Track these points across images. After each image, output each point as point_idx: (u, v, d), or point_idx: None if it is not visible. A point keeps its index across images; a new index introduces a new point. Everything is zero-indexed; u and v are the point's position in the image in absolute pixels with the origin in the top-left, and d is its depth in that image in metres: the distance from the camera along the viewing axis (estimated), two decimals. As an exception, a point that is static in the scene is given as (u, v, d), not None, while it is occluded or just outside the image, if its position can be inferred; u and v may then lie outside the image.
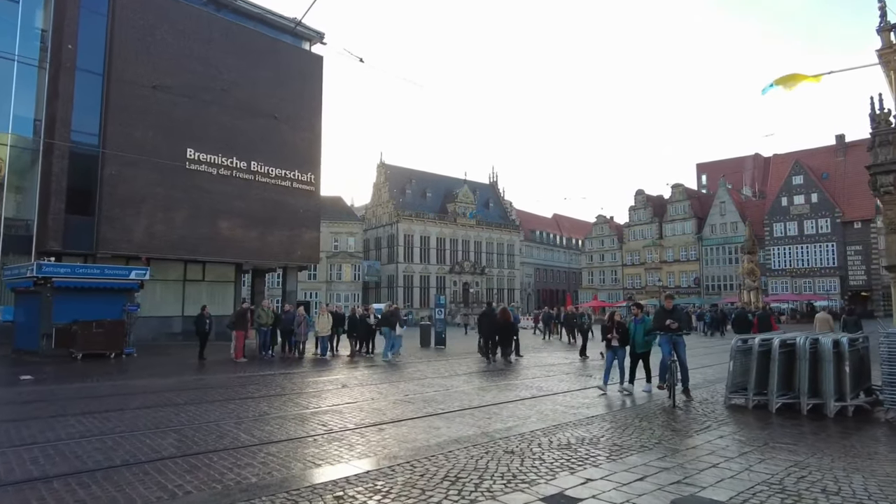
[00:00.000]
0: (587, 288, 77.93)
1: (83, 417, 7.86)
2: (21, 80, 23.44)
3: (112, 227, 22.74)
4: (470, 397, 9.98)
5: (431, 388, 11.20)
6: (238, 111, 26.93)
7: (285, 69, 29.07)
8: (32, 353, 16.29)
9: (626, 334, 10.68)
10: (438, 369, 14.68)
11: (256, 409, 8.77)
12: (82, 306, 16.52)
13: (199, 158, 25.27)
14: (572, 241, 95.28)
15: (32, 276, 15.83)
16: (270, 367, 15.17)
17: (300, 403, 9.41)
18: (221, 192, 25.94)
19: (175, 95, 24.91)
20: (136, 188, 23.44)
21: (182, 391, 10.61)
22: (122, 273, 17.35)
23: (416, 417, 8.13)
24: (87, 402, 9.15)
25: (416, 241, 67.16)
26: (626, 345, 10.72)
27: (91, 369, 13.88)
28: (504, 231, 75.61)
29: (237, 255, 26.65)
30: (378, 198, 70.89)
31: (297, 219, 28.82)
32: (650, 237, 72.80)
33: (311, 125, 30.16)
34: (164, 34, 24.94)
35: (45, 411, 8.36)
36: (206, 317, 16.82)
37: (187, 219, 24.81)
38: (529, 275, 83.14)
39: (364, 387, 11.40)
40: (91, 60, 23.24)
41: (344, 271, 62.93)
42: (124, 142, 23.10)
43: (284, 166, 28.35)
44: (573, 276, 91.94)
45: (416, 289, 66.47)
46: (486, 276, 71.88)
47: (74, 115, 22.55)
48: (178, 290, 25.78)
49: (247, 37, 28.02)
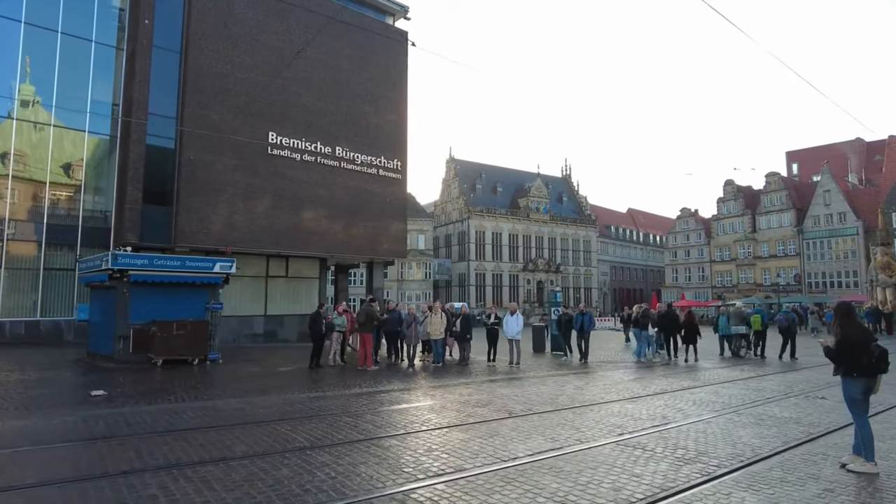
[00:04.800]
0: (671, 286, 72.44)
1: (165, 475, 5.11)
2: (98, 63, 21.91)
3: (189, 217, 20.75)
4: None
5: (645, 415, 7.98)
6: (320, 92, 24.59)
7: (368, 46, 26.51)
8: (107, 358, 14.14)
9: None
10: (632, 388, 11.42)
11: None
12: (161, 304, 14.24)
13: (282, 143, 23.00)
14: (649, 236, 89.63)
15: (107, 269, 13.66)
16: (407, 379, 12.36)
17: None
18: (304, 179, 23.62)
19: (254, 74, 22.77)
20: (215, 175, 21.38)
21: (308, 420, 7.81)
22: (206, 266, 14.98)
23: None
24: (172, 443, 6.45)
25: (488, 237, 64.06)
26: None
27: (173, 381, 11.43)
28: (579, 226, 71.35)
29: (321, 248, 24.24)
30: (447, 194, 68.23)
31: (383, 209, 26.21)
32: (742, 231, 66.70)
33: (397, 107, 27.52)
34: (242, 9, 22.84)
35: (111, 458, 5.68)
36: (322, 316, 14.18)
37: (269, 209, 22.58)
38: (605, 273, 78.36)
39: (542, 415, 8.29)
40: (168, 38, 21.37)
41: (414, 270, 60.65)
42: (202, 124, 21.08)
43: (370, 152, 25.80)
44: (651, 273, 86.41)
45: (488, 287, 63.33)
46: (562, 275, 67.87)
47: (151, 97, 20.69)
48: (258, 287, 23.56)
49: (328, 11, 25.58)
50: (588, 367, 15.07)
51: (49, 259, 20.16)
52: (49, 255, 20.18)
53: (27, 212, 20.31)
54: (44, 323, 19.81)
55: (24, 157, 20.38)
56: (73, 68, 21.15)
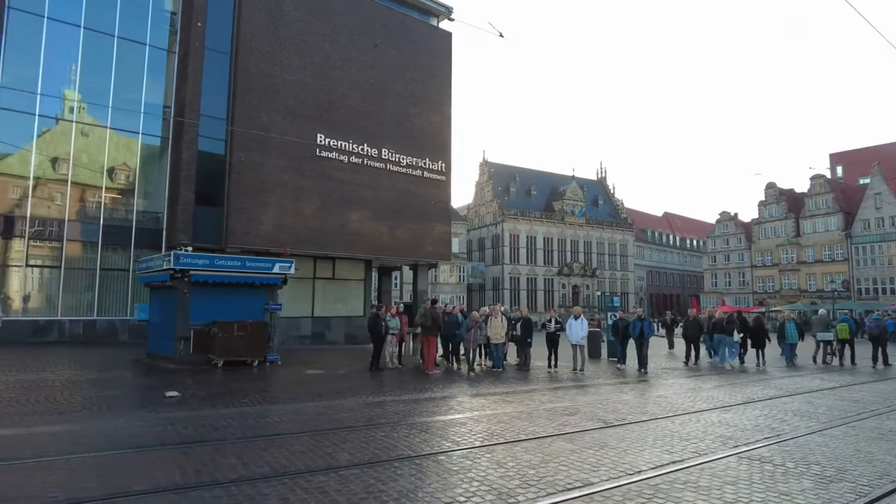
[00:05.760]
0: (710, 292, 70.64)
1: (278, 484, 4.81)
2: (151, 66, 22.15)
3: (240, 218, 20.77)
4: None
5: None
6: (367, 94, 24.46)
7: (413, 47, 26.34)
8: (167, 359, 14.08)
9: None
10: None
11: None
12: (220, 305, 14.13)
13: (329, 144, 22.91)
14: (686, 241, 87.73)
15: (169, 269, 13.60)
16: (475, 384, 11.99)
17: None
18: (351, 181, 23.48)
19: (302, 76, 22.76)
20: (264, 176, 21.37)
21: (398, 426, 7.48)
22: (265, 266, 14.84)
23: None
24: (269, 449, 6.20)
25: (522, 241, 63.41)
26: None
27: (240, 383, 11.26)
28: (615, 230, 70.17)
29: (367, 250, 24.05)
30: (481, 197, 67.86)
31: (427, 211, 25.92)
32: (785, 235, 64.70)
33: (441, 108, 27.24)
34: (290, 10, 22.84)
35: (214, 464, 5.42)
36: (381, 318, 13.90)
37: (317, 210, 22.49)
38: (641, 277, 76.86)
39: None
40: (219, 40, 21.46)
41: (447, 273, 60.39)
42: (251, 126, 21.12)
43: (415, 154, 25.57)
44: (688, 279, 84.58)
45: (522, 291, 62.65)
46: (598, 279, 66.79)
47: (203, 98, 20.80)
48: (306, 288, 23.46)
49: (373, 13, 25.50)
50: (648, 376, 14.46)
51: (105, 260, 20.37)
52: (105, 256, 20.40)
53: (84, 214, 20.57)
54: (100, 322, 20.00)
55: (80, 161, 20.66)
56: (128, 72, 21.39)
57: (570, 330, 14.80)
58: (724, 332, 16.90)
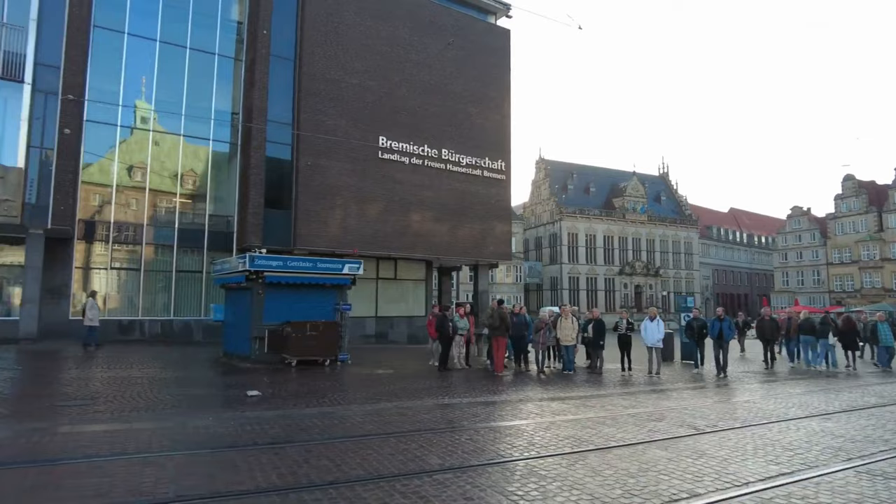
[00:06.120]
0: (782, 291, 67.28)
1: (374, 488, 4.77)
2: (220, 75, 22.91)
3: (307, 221, 21.28)
4: None
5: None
6: (427, 95, 24.58)
7: (471, 46, 26.23)
8: (243, 358, 14.51)
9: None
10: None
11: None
12: (293, 305, 14.44)
13: (391, 147, 23.17)
14: (754, 237, 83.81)
15: (244, 270, 14.01)
16: (548, 387, 11.79)
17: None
18: (412, 182, 23.67)
19: (364, 79, 23.08)
20: (330, 179, 21.82)
21: (482, 430, 7.37)
22: (335, 267, 15.09)
23: None
24: (358, 450, 6.22)
25: (581, 239, 62.22)
26: None
27: (316, 382, 11.44)
28: (679, 227, 67.81)
29: (428, 250, 24.15)
30: (537, 195, 67.08)
31: (487, 211, 25.79)
32: (866, 230, 60.81)
33: (500, 106, 27.05)
34: (351, 15, 23.20)
35: (308, 466, 5.45)
36: (448, 318, 13.89)
37: (380, 212, 22.78)
38: (707, 276, 73.96)
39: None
40: (283, 46, 22.10)
41: (504, 273, 59.93)
42: (316, 130, 21.61)
43: (475, 154, 25.51)
44: (756, 277, 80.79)
45: (581, 291, 61.46)
46: (661, 279, 64.71)
47: (269, 104, 21.42)
48: (370, 289, 23.76)
49: (432, 13, 25.58)
50: (728, 380, 13.78)
51: (180, 262, 21.25)
52: (180, 259, 21.28)
53: (160, 218, 21.51)
54: (176, 322, 20.88)
55: (155, 167, 21.62)
56: (198, 81, 22.22)
57: (646, 332, 14.28)
58: (814, 333, 16.01)
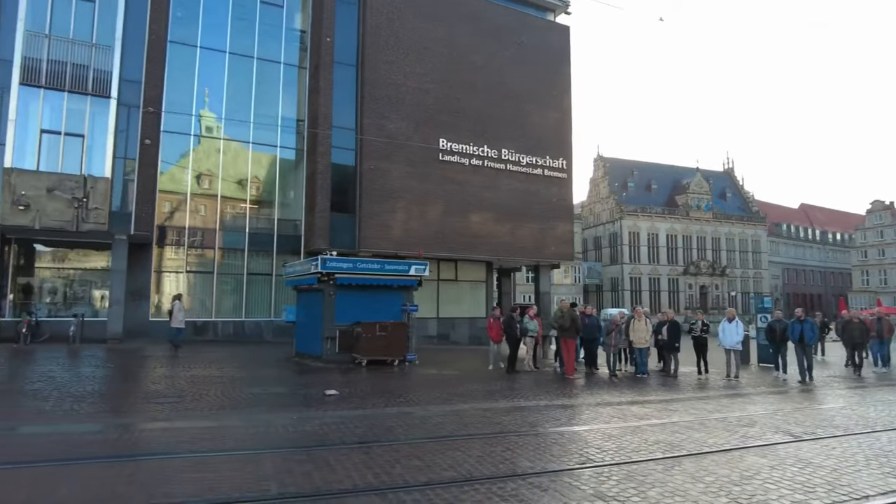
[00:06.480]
0: (861, 291, 63.38)
1: (470, 489, 4.75)
2: (285, 83, 23.63)
3: (371, 223, 21.65)
4: None
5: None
6: (486, 95, 24.53)
7: (531, 44, 25.99)
8: (315, 358, 14.89)
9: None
10: None
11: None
12: (362, 306, 14.71)
13: (452, 149, 23.27)
14: (827, 234, 79.22)
15: (317, 272, 14.38)
16: (622, 390, 11.54)
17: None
18: (472, 183, 23.69)
19: (424, 83, 23.28)
20: (392, 182, 22.13)
21: (569, 434, 7.25)
22: (402, 268, 15.31)
23: None
24: (445, 451, 6.22)
25: (643, 238, 60.47)
26: None
27: (388, 382, 11.61)
28: (746, 224, 64.91)
29: (488, 251, 24.08)
30: (595, 194, 65.71)
31: (549, 210, 25.47)
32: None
33: (561, 104, 26.69)
34: (410, 18, 23.45)
35: (400, 466, 5.48)
36: (516, 320, 13.83)
37: (441, 214, 22.91)
38: (776, 276, 70.47)
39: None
40: (345, 53, 22.57)
41: (563, 273, 59.03)
42: (379, 134, 21.96)
43: (535, 153, 25.27)
44: (831, 276, 76.32)
45: (644, 292, 59.68)
46: (728, 278, 62.09)
47: (333, 110, 21.91)
48: (431, 290, 23.90)
49: (490, 13, 25.53)
50: (814, 385, 13.01)
51: (250, 265, 22.04)
52: (250, 262, 22.07)
53: (231, 223, 22.38)
54: (247, 323, 21.67)
55: (226, 174, 22.51)
56: (265, 89, 23.00)
57: (724, 334, 13.69)
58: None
